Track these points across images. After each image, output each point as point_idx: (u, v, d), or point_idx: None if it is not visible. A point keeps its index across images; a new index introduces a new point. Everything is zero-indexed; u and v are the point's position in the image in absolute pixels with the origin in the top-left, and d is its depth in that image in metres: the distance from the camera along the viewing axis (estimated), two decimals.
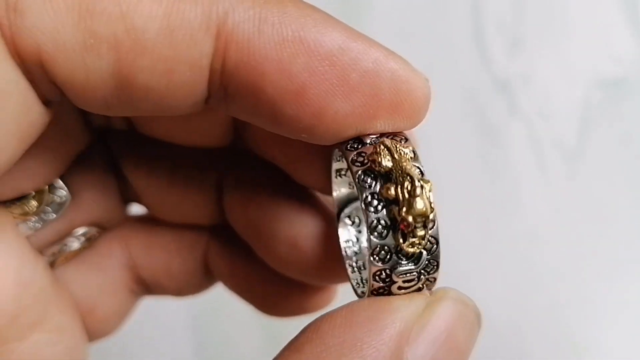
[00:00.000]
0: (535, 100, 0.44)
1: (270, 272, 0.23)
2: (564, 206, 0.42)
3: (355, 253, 0.21)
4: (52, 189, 0.21)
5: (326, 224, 0.22)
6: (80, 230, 0.23)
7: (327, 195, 0.22)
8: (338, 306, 0.17)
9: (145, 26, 0.15)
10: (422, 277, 0.17)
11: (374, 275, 0.16)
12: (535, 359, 0.40)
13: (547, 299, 0.41)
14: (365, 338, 0.15)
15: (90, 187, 0.23)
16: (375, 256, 0.16)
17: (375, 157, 0.16)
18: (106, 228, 0.24)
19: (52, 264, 0.23)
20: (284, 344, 0.16)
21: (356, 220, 0.21)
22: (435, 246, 0.16)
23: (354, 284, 0.20)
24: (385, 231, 0.16)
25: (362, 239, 0.21)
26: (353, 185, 0.20)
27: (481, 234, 0.42)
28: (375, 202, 0.16)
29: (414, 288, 0.17)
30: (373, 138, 0.17)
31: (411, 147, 0.17)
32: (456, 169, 0.42)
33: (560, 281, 0.41)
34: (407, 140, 0.17)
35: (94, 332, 0.24)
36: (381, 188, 0.16)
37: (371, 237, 0.16)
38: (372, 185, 0.16)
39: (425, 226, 0.16)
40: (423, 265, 0.16)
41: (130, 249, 0.24)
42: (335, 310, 0.16)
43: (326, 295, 0.25)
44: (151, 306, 0.27)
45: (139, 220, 0.25)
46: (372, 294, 0.17)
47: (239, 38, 0.16)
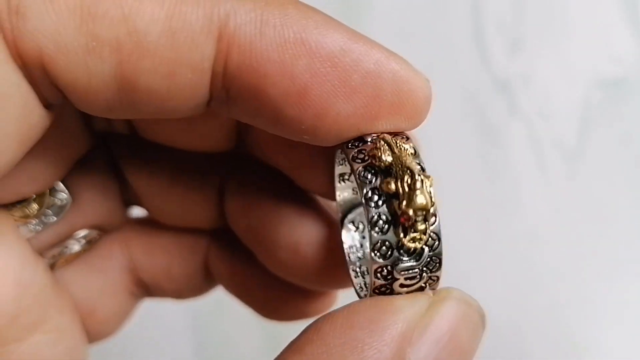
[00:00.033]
0: (535, 100, 0.44)
1: (270, 276, 0.23)
2: (564, 206, 0.42)
3: (359, 258, 0.21)
4: (53, 192, 0.21)
5: (328, 230, 0.22)
6: (81, 233, 0.23)
7: (330, 200, 0.22)
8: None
9: (147, 29, 0.15)
10: (424, 274, 0.16)
11: (375, 272, 0.16)
12: (535, 359, 0.40)
13: (547, 299, 0.41)
14: (366, 339, 0.15)
15: (91, 190, 0.23)
16: (376, 252, 0.16)
17: (376, 152, 0.16)
18: (107, 231, 0.24)
19: (53, 266, 0.23)
20: (284, 344, 0.16)
21: (360, 226, 0.21)
22: (437, 243, 0.16)
23: (357, 288, 0.20)
24: (386, 226, 0.16)
25: (366, 244, 0.21)
26: (357, 191, 0.20)
27: (481, 234, 0.42)
28: (375, 197, 0.16)
29: (417, 286, 0.16)
30: (374, 137, 0.17)
31: (412, 144, 0.17)
32: (456, 169, 0.42)
33: (560, 281, 0.41)
34: (408, 138, 0.17)
35: (94, 334, 0.24)
36: (381, 183, 0.16)
37: (372, 232, 0.16)
38: (373, 180, 0.16)
39: (426, 220, 0.16)
40: (425, 262, 0.16)
41: (131, 251, 0.24)
42: (337, 311, 0.16)
43: (327, 300, 0.24)
44: (151, 306, 0.27)
45: (140, 222, 0.25)
46: (374, 292, 0.17)
47: (241, 40, 0.16)
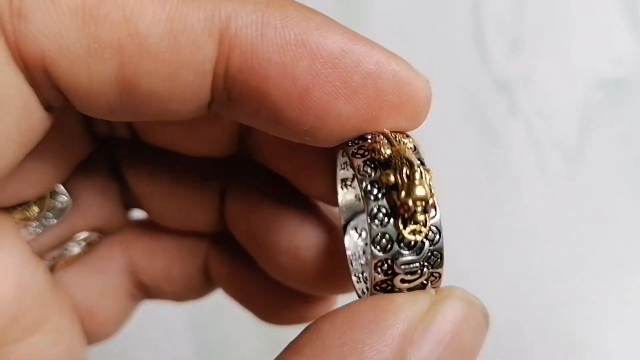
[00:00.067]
0: (535, 100, 0.44)
1: (270, 281, 0.23)
2: (564, 206, 0.42)
3: (362, 264, 0.21)
4: (53, 195, 0.21)
5: (328, 235, 0.22)
6: (81, 235, 0.23)
7: (332, 205, 0.22)
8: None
9: (148, 31, 0.15)
10: (425, 269, 0.16)
11: (375, 266, 0.16)
12: (535, 359, 0.40)
13: (547, 299, 0.41)
14: (366, 339, 0.15)
15: (92, 193, 0.23)
16: (376, 245, 0.16)
17: (375, 145, 0.16)
18: (107, 233, 0.24)
19: (52, 268, 0.23)
20: (284, 345, 0.16)
21: (363, 233, 0.21)
22: (437, 237, 0.16)
23: (360, 293, 0.20)
24: (385, 219, 0.16)
25: (369, 251, 0.21)
26: (360, 198, 0.20)
27: (481, 234, 0.42)
28: (375, 190, 0.16)
29: (418, 282, 0.16)
30: (374, 134, 0.17)
31: (412, 139, 0.17)
32: (456, 169, 0.42)
33: (560, 281, 0.41)
34: (408, 135, 0.17)
35: (94, 335, 0.24)
36: (380, 175, 0.16)
37: (371, 225, 0.16)
38: (373, 174, 0.16)
39: (425, 211, 0.16)
40: (426, 256, 0.16)
41: (131, 253, 0.24)
42: (337, 311, 0.16)
43: (326, 305, 0.24)
44: (151, 307, 0.27)
45: (140, 224, 0.25)
46: (374, 289, 0.16)
47: (242, 42, 0.16)
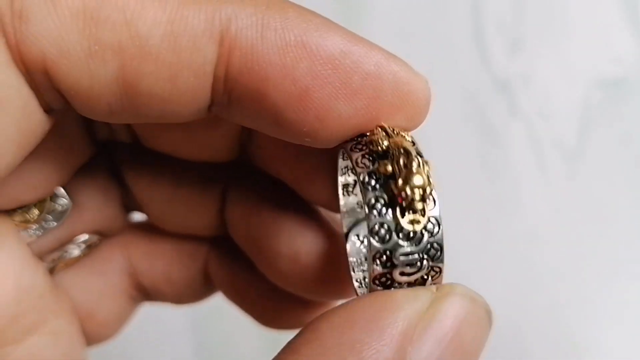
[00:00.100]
0: (535, 100, 0.44)
1: (270, 285, 0.23)
2: (564, 206, 0.42)
3: (363, 271, 0.21)
4: (53, 198, 0.21)
5: (329, 241, 0.22)
6: (81, 238, 0.23)
7: (333, 211, 0.21)
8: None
9: (149, 33, 0.15)
10: (425, 262, 0.16)
11: (374, 258, 0.16)
12: (535, 359, 0.40)
13: (547, 299, 0.41)
14: (365, 339, 0.14)
15: (92, 196, 0.23)
16: (374, 235, 0.15)
17: (373, 138, 0.16)
18: (107, 236, 0.24)
19: (52, 270, 0.23)
20: (284, 345, 0.16)
21: (365, 240, 0.21)
22: (436, 228, 0.16)
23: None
24: (384, 209, 0.16)
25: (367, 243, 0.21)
26: (362, 205, 0.20)
27: (481, 234, 0.42)
28: (372, 180, 0.16)
29: (417, 276, 0.16)
30: (373, 129, 0.17)
31: (410, 133, 0.17)
32: (456, 169, 0.42)
33: (560, 281, 0.41)
34: (407, 132, 0.17)
35: (93, 337, 0.24)
36: (378, 166, 0.16)
37: (370, 215, 0.16)
38: (371, 166, 0.16)
39: (424, 199, 0.15)
40: (425, 248, 0.16)
41: (131, 255, 0.24)
42: (335, 309, 0.16)
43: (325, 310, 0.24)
44: (151, 307, 0.27)
45: (140, 227, 0.25)
46: (373, 282, 0.16)
47: (243, 44, 0.16)
